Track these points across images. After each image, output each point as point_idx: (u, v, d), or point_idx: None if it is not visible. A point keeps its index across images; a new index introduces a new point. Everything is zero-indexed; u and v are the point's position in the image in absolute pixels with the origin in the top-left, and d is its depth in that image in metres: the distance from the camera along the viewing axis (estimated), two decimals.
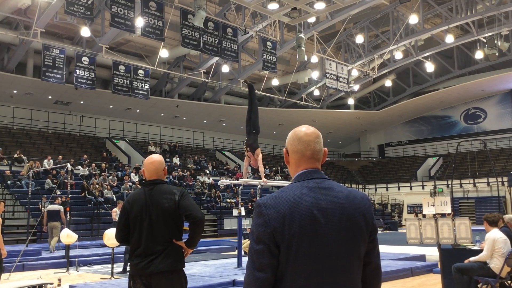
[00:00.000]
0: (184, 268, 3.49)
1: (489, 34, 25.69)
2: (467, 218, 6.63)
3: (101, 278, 9.74)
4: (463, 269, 6.33)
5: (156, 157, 3.64)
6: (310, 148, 1.88)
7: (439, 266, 7.14)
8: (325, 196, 1.79)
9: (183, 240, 3.49)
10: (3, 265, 7.21)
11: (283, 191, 1.83)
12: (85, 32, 19.27)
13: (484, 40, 26.38)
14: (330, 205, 1.78)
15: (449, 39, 27.59)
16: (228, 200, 25.03)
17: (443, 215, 6.88)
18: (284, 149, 1.97)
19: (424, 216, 7.60)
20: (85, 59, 20.31)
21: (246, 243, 12.73)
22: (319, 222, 1.74)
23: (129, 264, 3.57)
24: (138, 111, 28.97)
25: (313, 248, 1.73)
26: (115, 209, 13.36)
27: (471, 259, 6.34)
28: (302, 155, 1.88)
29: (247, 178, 9.47)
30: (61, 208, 14.26)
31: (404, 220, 33.10)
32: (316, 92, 31.74)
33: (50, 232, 13.84)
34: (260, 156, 9.06)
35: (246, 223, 10.84)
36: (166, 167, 3.67)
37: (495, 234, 6.18)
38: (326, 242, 1.74)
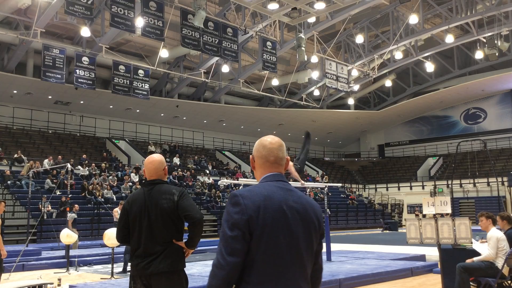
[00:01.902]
0: (184, 268, 3.48)
1: (489, 34, 25.70)
2: (467, 218, 6.62)
3: (101, 278, 9.73)
4: (470, 269, 6.25)
5: (156, 157, 3.63)
6: (273, 154, 2.09)
7: (439, 266, 7.14)
8: (291, 196, 1.99)
9: (184, 241, 3.48)
10: (3, 265, 7.20)
11: (256, 186, 2.01)
12: (85, 32, 19.27)
13: (484, 40, 26.38)
14: (296, 204, 1.97)
15: (449, 39, 27.59)
16: None
17: (442, 215, 6.88)
18: (250, 156, 2.17)
19: (424, 216, 7.60)
20: (85, 59, 20.30)
21: None
22: (288, 217, 1.92)
23: (129, 264, 3.56)
24: (138, 111, 28.97)
25: (283, 239, 1.89)
26: (116, 209, 13.37)
27: (476, 258, 6.24)
28: (266, 160, 2.09)
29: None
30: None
31: (404, 220, 33.13)
32: (316, 92, 31.74)
33: None
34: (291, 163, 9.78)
35: None
36: (166, 167, 3.66)
37: (497, 233, 6.16)
38: (294, 236, 1.92)
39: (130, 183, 22.24)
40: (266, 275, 1.87)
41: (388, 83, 35.47)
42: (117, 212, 12.97)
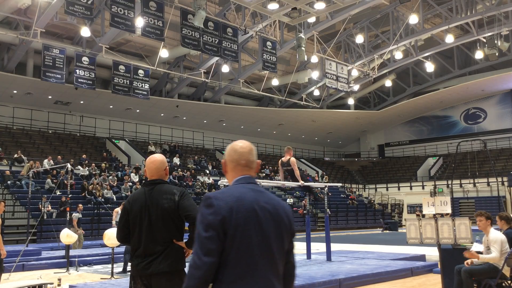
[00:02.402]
0: (184, 269, 3.48)
1: (489, 34, 25.69)
2: (467, 218, 6.61)
3: (101, 278, 9.73)
4: (475, 273, 6.20)
5: (158, 157, 3.63)
6: (244, 158, 2.17)
7: (439, 266, 7.14)
8: (262, 197, 2.06)
9: (184, 241, 3.48)
10: (3, 265, 7.21)
11: (228, 188, 2.08)
12: (85, 32, 19.27)
13: (484, 40, 26.37)
14: (267, 204, 2.04)
15: (449, 39, 27.59)
16: None
17: (442, 215, 6.86)
18: (222, 160, 2.25)
19: (423, 216, 7.59)
20: (85, 59, 20.30)
21: None
22: (260, 217, 1.99)
23: (130, 264, 3.56)
24: (138, 111, 28.97)
25: (255, 238, 1.96)
26: (117, 209, 13.36)
27: (482, 257, 6.12)
28: (238, 163, 2.17)
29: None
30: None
31: (404, 220, 33.12)
32: (316, 92, 31.74)
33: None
34: (294, 161, 10.36)
35: None
36: (168, 167, 3.66)
37: (500, 235, 6.12)
38: (266, 236, 1.99)
39: (130, 183, 22.24)
40: (239, 273, 1.93)
41: (388, 83, 35.47)
42: (117, 212, 12.98)
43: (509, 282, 6.31)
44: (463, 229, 6.36)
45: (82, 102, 26.70)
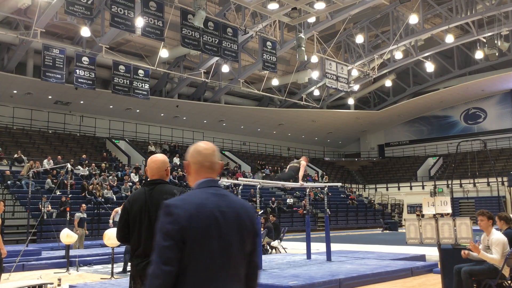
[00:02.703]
0: None
1: (489, 34, 25.68)
2: (468, 218, 6.60)
3: (101, 278, 9.73)
4: (475, 273, 6.21)
5: (160, 157, 3.63)
6: (208, 159, 2.17)
7: (439, 266, 7.14)
8: (223, 201, 2.05)
9: None
10: (3, 265, 7.20)
11: (188, 195, 2.07)
12: (85, 32, 19.27)
13: (484, 40, 26.37)
14: (228, 209, 2.03)
15: (449, 39, 27.59)
16: None
17: (442, 215, 6.85)
18: (185, 161, 2.25)
19: (423, 216, 7.58)
20: (85, 59, 20.30)
21: None
22: (220, 223, 1.98)
23: (130, 264, 3.56)
24: (138, 111, 28.97)
25: (215, 245, 1.96)
26: (117, 209, 13.37)
27: (483, 253, 6.06)
28: (201, 166, 2.16)
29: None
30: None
31: (403, 220, 33.12)
32: (316, 92, 31.73)
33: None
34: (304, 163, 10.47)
35: None
36: (169, 168, 3.65)
37: (502, 237, 6.10)
38: (226, 241, 1.98)
39: (130, 183, 22.23)
40: (199, 282, 1.93)
41: (388, 83, 35.46)
42: (116, 211, 12.98)
43: (509, 282, 6.30)
44: (464, 229, 6.34)
45: (82, 102, 26.69)
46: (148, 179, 3.59)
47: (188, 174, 2.22)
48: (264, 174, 30.27)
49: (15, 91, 24.35)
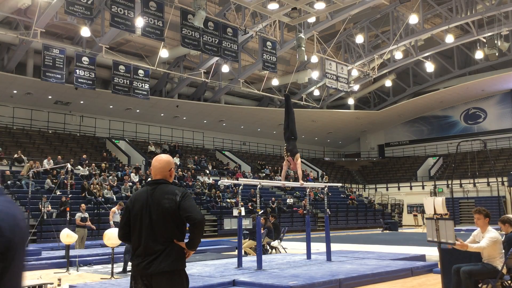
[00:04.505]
0: (185, 268, 3.48)
1: (489, 34, 25.69)
2: (451, 221, 6.57)
3: (101, 278, 9.73)
4: (475, 273, 6.22)
5: (164, 157, 3.63)
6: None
7: (439, 266, 7.13)
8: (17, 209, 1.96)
9: (185, 241, 3.48)
10: None
11: None
12: (85, 32, 19.27)
13: (484, 40, 26.37)
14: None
15: (449, 39, 27.59)
16: (228, 200, 25.04)
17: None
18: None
19: (422, 216, 7.57)
20: (85, 59, 20.30)
21: (246, 243, 12.76)
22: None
23: (130, 264, 3.56)
24: (138, 111, 28.97)
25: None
26: (113, 209, 13.34)
27: (470, 245, 6.10)
28: None
29: (285, 180, 10.27)
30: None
31: (403, 220, 33.12)
32: (316, 92, 31.75)
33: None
34: (299, 160, 9.51)
35: (246, 223, 10.82)
36: (173, 169, 3.64)
37: (498, 235, 6.13)
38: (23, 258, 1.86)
39: (130, 183, 22.24)
40: None
41: (388, 83, 35.47)
42: (114, 212, 12.96)
43: (509, 282, 6.31)
44: (449, 232, 6.31)
45: (82, 102, 26.70)
46: (152, 179, 3.59)
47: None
48: (264, 174, 30.31)
49: (15, 91, 24.36)
